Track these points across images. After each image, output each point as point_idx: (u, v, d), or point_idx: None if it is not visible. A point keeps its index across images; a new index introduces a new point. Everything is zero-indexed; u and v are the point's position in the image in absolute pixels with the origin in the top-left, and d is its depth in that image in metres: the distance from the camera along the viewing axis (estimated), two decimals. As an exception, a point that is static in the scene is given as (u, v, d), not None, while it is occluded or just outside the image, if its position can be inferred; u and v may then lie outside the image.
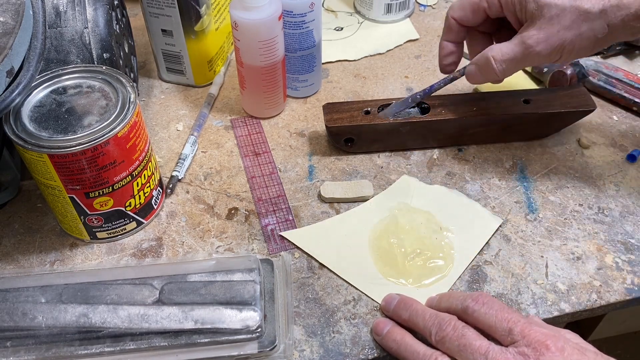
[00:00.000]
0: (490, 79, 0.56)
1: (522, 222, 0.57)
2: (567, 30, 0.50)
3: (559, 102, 0.62)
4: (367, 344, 0.49)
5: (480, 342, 0.42)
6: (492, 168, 0.63)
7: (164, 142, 0.66)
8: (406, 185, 0.61)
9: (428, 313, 0.46)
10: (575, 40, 0.51)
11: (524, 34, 0.52)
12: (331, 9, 0.86)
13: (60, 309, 0.45)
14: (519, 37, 0.52)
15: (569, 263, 0.54)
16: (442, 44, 0.59)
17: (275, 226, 0.57)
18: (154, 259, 0.55)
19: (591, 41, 0.51)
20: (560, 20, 0.50)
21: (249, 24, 0.59)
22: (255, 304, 0.46)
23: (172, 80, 0.73)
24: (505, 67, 0.54)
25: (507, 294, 0.52)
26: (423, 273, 0.53)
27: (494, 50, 0.54)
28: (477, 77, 0.56)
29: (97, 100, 0.50)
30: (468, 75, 0.57)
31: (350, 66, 0.76)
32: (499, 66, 0.54)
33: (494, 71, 0.54)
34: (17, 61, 0.45)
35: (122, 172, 0.50)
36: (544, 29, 0.51)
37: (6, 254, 0.55)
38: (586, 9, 0.49)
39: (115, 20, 0.60)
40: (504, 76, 0.55)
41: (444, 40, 0.59)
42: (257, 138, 0.66)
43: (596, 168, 0.62)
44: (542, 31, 0.51)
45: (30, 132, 0.47)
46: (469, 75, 0.57)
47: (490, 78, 0.56)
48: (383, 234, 0.56)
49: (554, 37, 0.51)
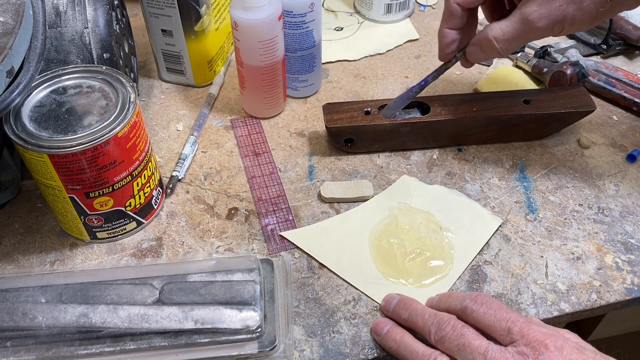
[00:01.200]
0: (493, 57, 0.56)
1: (522, 222, 0.57)
2: (568, 5, 0.49)
3: (559, 102, 0.62)
4: (367, 344, 0.49)
5: (479, 342, 0.42)
6: (492, 168, 0.63)
7: (164, 142, 0.66)
8: (406, 185, 0.61)
9: (427, 313, 0.46)
10: (576, 14, 0.50)
11: (524, 10, 0.51)
12: (331, 9, 0.86)
13: (60, 309, 0.45)
14: (520, 14, 0.51)
15: (569, 263, 0.54)
16: (443, 31, 0.57)
17: (275, 226, 0.57)
18: (154, 259, 0.55)
19: (592, 14, 0.50)
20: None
21: (249, 24, 0.59)
22: (255, 304, 0.46)
23: (172, 80, 0.73)
24: (508, 46, 0.53)
25: (507, 294, 0.52)
26: (423, 273, 0.53)
27: (494, 30, 0.53)
28: (479, 57, 0.56)
29: (97, 100, 0.50)
30: (470, 55, 0.57)
31: (350, 66, 0.76)
32: (501, 45, 0.53)
33: (496, 51, 0.54)
34: (17, 61, 0.45)
35: (122, 172, 0.50)
36: (546, 3, 0.50)
37: (6, 254, 0.55)
38: None
39: (115, 20, 0.60)
40: (507, 54, 0.55)
41: (446, 28, 0.57)
42: (257, 138, 0.66)
43: (596, 168, 0.62)
44: (544, 6, 0.50)
45: (30, 132, 0.47)
46: (470, 55, 0.57)
47: (493, 57, 0.56)
48: (383, 234, 0.56)
49: (556, 11, 0.50)
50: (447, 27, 0.57)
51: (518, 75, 0.73)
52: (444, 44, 0.58)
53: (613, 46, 0.75)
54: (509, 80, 0.72)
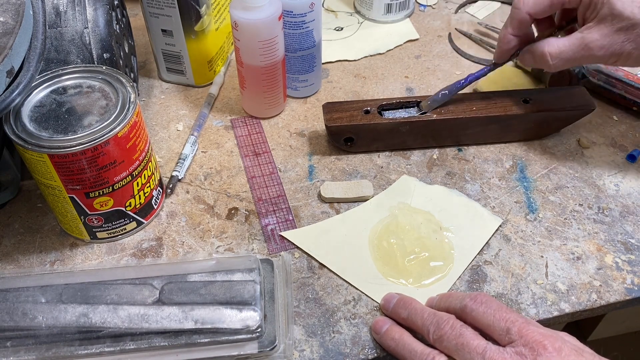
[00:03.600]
0: (541, 67, 0.58)
1: (522, 222, 0.57)
2: (630, 43, 0.51)
3: (558, 101, 0.62)
4: (367, 343, 0.49)
5: (478, 342, 0.42)
6: (492, 168, 0.63)
7: (164, 142, 0.66)
8: (406, 185, 0.61)
9: (427, 312, 0.46)
10: (633, 52, 0.52)
11: (587, 36, 0.52)
12: (331, 9, 0.86)
13: (60, 309, 0.45)
14: (581, 38, 0.53)
15: (569, 263, 0.54)
16: (507, 37, 0.58)
17: (275, 226, 0.57)
18: (154, 259, 0.55)
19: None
20: (627, 33, 0.51)
21: (249, 24, 0.59)
22: (255, 304, 0.46)
23: (172, 80, 0.74)
24: (560, 64, 0.55)
25: (507, 294, 0.52)
26: (423, 273, 0.53)
27: (552, 46, 0.55)
28: (530, 63, 0.58)
29: (97, 100, 0.50)
30: (522, 60, 0.59)
31: (350, 66, 0.76)
32: (554, 62, 0.55)
33: (547, 64, 0.56)
34: (17, 61, 0.45)
35: (122, 172, 0.50)
36: (609, 37, 0.51)
37: (6, 254, 0.55)
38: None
39: (115, 20, 0.60)
40: (556, 70, 0.57)
41: (510, 35, 0.58)
42: (257, 138, 0.66)
43: (596, 168, 0.62)
44: (607, 38, 0.51)
45: (30, 132, 0.47)
46: (522, 61, 0.59)
47: (542, 67, 0.57)
48: (383, 234, 0.56)
49: (616, 45, 0.51)
50: (511, 34, 0.58)
51: (518, 75, 0.73)
52: (505, 49, 0.59)
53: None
54: (509, 80, 0.72)
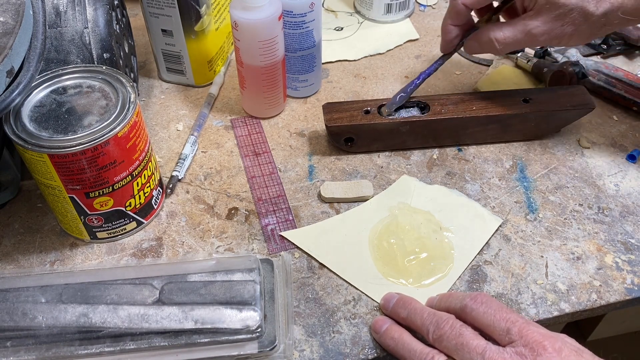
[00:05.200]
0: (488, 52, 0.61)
1: (522, 222, 0.57)
2: (569, 26, 0.55)
3: (558, 101, 0.62)
4: (367, 343, 0.49)
5: (478, 342, 0.42)
6: (492, 168, 0.63)
7: (164, 142, 0.66)
8: (406, 185, 0.61)
9: (426, 312, 0.46)
10: (573, 34, 0.56)
11: (528, 23, 0.56)
12: (331, 9, 0.86)
13: (60, 309, 0.45)
14: (523, 24, 0.56)
15: (569, 263, 0.54)
16: (447, 27, 0.62)
17: (275, 226, 0.57)
18: (154, 259, 0.55)
19: (587, 35, 0.56)
20: (565, 18, 0.55)
21: (249, 24, 0.59)
22: (255, 304, 0.46)
23: (172, 80, 0.74)
24: (506, 48, 0.59)
25: (507, 294, 0.52)
26: (423, 273, 0.53)
27: (496, 33, 0.58)
28: (477, 51, 0.61)
29: (97, 100, 0.50)
30: (468, 49, 0.62)
31: (350, 66, 0.76)
32: (501, 47, 0.58)
33: (495, 50, 0.59)
34: (17, 61, 0.45)
35: (122, 172, 0.50)
36: (549, 23, 0.55)
37: (6, 254, 0.55)
38: (591, 12, 0.54)
39: (115, 20, 0.60)
40: (502, 54, 0.63)
41: (450, 25, 0.61)
42: (257, 138, 0.66)
43: (596, 168, 0.62)
44: (547, 25, 0.55)
45: (30, 132, 0.47)
46: (468, 49, 0.62)
47: (489, 52, 0.61)
48: (383, 234, 0.56)
49: (557, 30, 0.56)
50: (451, 24, 0.61)
51: (518, 75, 0.73)
52: (448, 39, 0.62)
53: (613, 46, 0.75)
54: (509, 80, 0.72)
